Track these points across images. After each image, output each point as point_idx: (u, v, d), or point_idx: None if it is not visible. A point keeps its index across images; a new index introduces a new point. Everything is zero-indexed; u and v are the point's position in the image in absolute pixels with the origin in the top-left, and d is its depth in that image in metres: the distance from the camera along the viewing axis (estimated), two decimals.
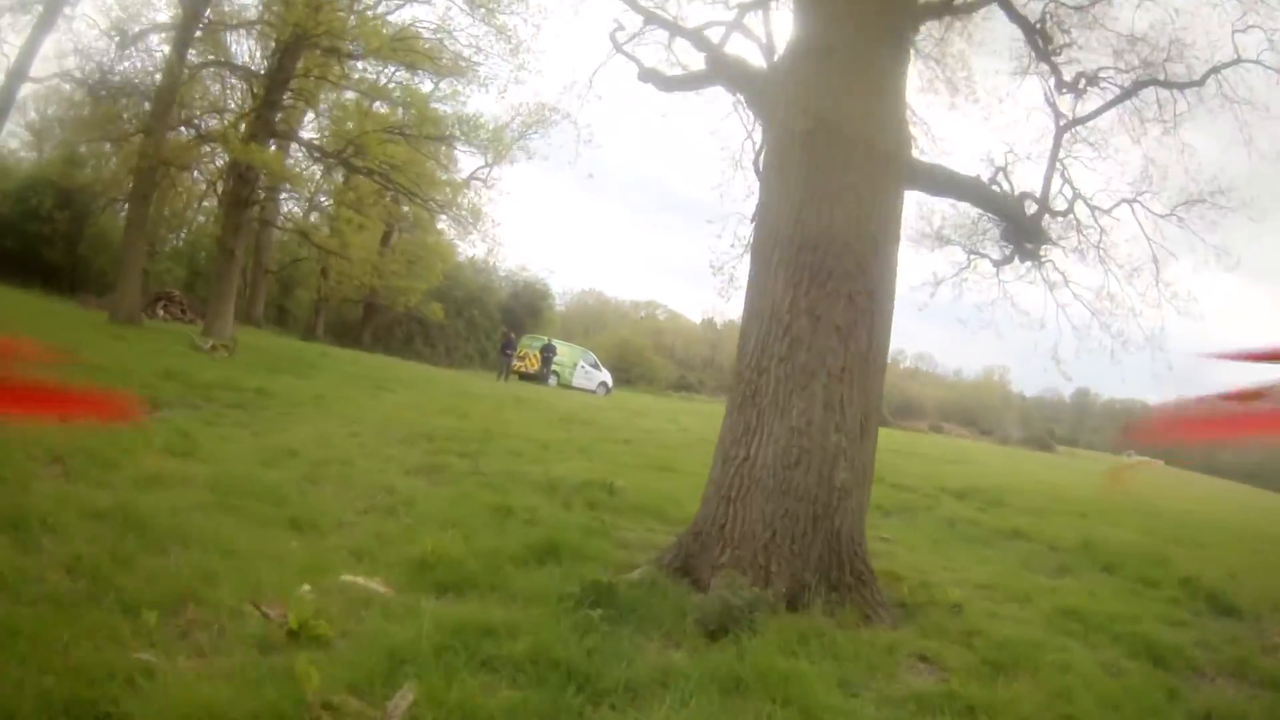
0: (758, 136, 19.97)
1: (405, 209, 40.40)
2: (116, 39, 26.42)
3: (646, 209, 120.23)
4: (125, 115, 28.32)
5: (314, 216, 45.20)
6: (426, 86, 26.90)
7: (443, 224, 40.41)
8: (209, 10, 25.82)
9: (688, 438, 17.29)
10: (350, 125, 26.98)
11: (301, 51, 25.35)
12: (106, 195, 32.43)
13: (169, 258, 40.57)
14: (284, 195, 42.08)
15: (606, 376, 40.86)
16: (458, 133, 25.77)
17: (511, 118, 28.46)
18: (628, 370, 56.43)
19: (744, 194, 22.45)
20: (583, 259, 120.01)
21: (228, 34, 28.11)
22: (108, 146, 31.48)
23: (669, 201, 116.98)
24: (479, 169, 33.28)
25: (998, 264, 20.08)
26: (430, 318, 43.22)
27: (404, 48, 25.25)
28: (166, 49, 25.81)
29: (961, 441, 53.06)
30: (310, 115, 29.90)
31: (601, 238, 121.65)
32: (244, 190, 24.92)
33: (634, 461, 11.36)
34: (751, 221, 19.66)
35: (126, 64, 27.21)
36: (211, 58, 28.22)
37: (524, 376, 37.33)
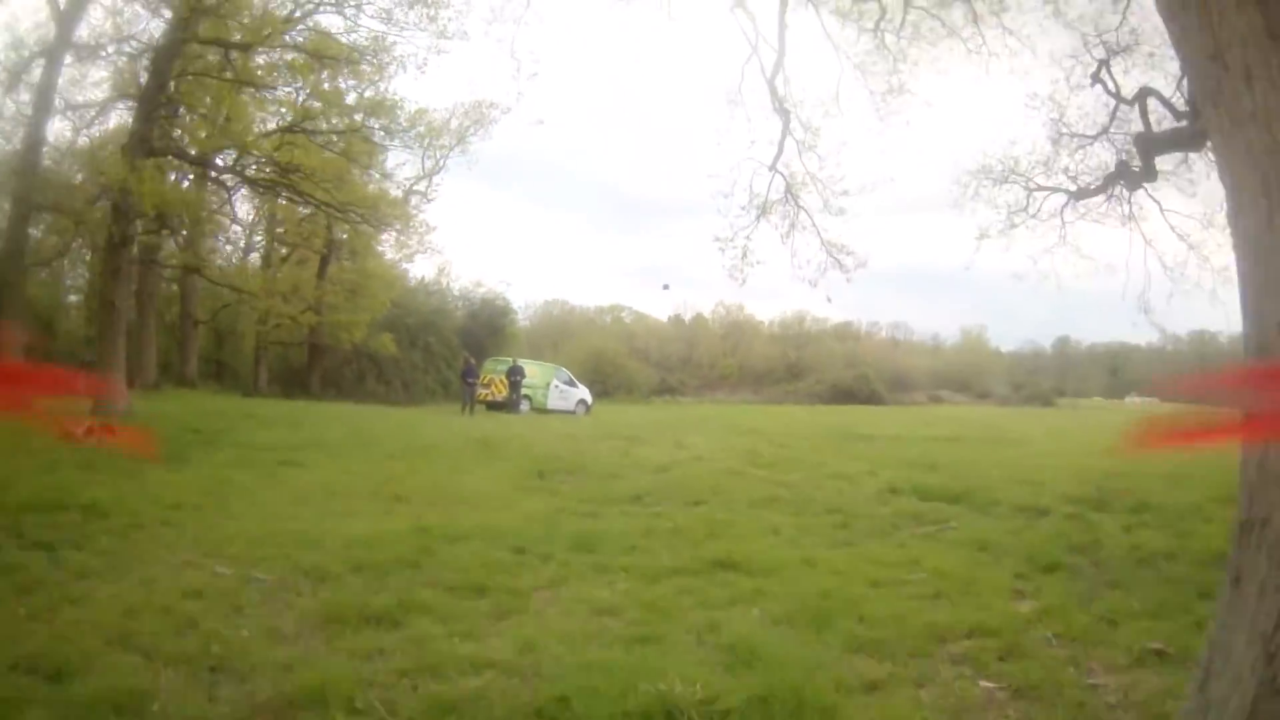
0: (768, 60, 15.78)
1: (342, 234, 36.04)
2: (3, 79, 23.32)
3: (601, 212, 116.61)
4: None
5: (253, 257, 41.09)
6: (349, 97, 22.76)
7: (384, 245, 36.43)
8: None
9: (711, 470, 13.06)
10: (234, 122, 22.29)
11: (180, 49, 20.98)
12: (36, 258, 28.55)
13: None
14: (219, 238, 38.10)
15: (584, 393, 36.49)
16: (371, 120, 21.31)
17: (448, 117, 24.84)
18: (605, 380, 52.18)
19: (747, 140, 18.18)
20: (542, 271, 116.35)
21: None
22: None
23: (623, 202, 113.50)
24: (417, 180, 29.44)
25: (1095, 193, 16.11)
26: (381, 352, 38.92)
27: (305, 31, 20.87)
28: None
29: (972, 410, 49.40)
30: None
31: (558, 247, 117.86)
32: (120, 226, 20.15)
33: (670, 558, 6.92)
34: (772, 174, 15.24)
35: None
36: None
37: (492, 405, 32.97)
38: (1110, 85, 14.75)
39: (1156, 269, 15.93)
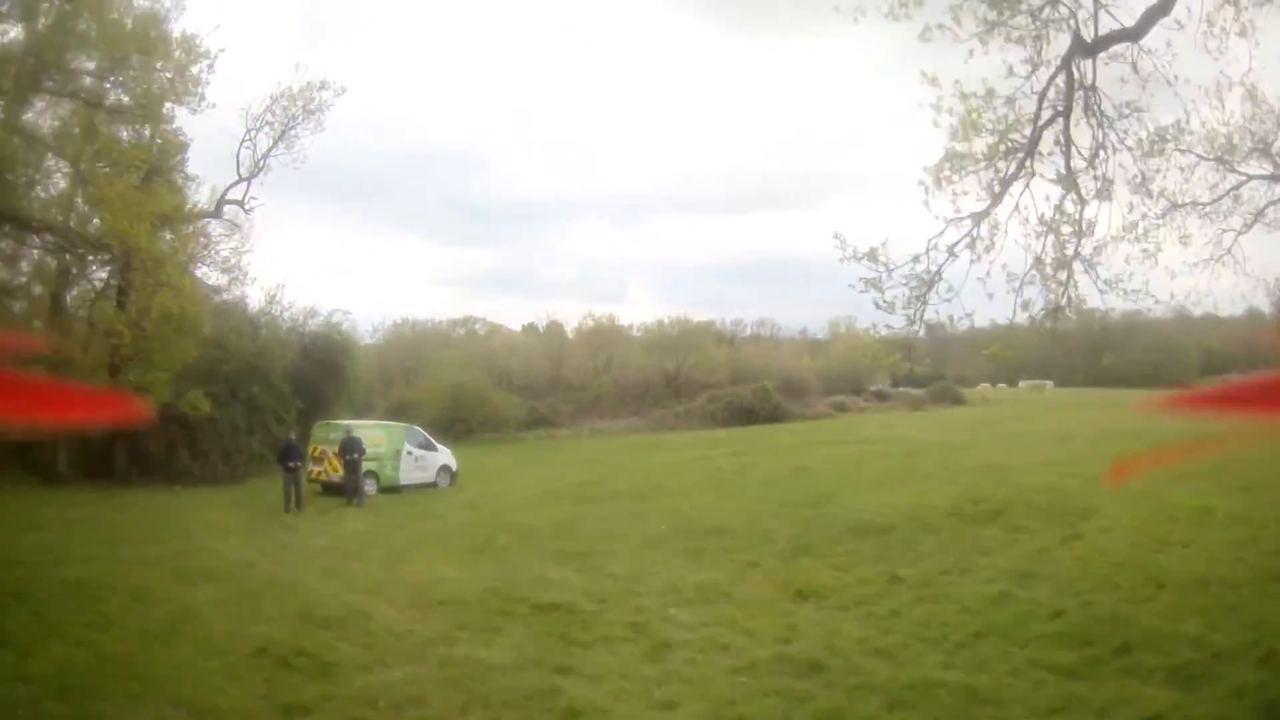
0: None
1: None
2: None
3: (441, 220, 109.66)
4: None
5: None
6: None
7: (204, 269, 28.48)
8: None
9: None
10: None
11: None
12: None
13: None
14: None
15: (446, 456, 28.40)
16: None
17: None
18: (467, 419, 44.32)
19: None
20: (388, 290, 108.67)
21: None
22: None
23: (464, 208, 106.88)
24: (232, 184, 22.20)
25: None
26: (193, 414, 29.55)
27: None
28: None
29: (903, 424, 44.30)
30: None
31: (400, 261, 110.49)
32: None
33: None
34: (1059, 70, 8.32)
35: None
36: None
37: (328, 488, 24.94)
38: None
39: None
